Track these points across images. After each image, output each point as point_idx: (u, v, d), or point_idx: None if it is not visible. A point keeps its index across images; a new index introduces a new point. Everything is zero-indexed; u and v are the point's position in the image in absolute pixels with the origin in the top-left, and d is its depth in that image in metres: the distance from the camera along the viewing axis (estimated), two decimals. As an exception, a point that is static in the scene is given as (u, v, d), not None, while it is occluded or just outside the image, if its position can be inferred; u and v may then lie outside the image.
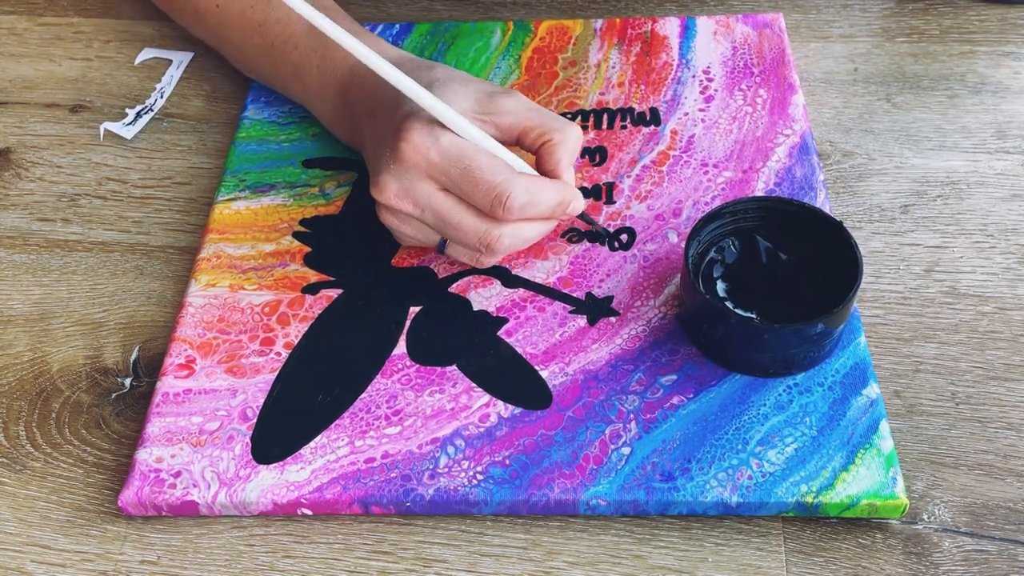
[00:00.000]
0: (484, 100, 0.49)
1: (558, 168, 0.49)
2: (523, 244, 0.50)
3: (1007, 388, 0.47)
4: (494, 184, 0.46)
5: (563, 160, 0.49)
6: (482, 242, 0.48)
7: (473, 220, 0.48)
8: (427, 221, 0.48)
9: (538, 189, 0.47)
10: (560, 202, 0.48)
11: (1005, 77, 0.62)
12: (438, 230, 0.49)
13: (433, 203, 0.47)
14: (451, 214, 0.48)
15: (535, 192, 0.47)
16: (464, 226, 0.48)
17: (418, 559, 0.43)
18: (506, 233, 0.48)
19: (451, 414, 0.46)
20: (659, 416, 0.45)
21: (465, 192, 0.47)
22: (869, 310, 0.50)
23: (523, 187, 0.47)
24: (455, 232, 0.48)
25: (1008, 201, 0.55)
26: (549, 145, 0.49)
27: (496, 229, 0.48)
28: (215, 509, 0.44)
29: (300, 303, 0.51)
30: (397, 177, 0.47)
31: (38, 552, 0.44)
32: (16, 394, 0.50)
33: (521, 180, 0.47)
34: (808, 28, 0.66)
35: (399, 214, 0.49)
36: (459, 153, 0.46)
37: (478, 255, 0.49)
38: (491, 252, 0.49)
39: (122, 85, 0.66)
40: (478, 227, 0.48)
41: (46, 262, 0.56)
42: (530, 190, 0.47)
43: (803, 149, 0.56)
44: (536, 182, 0.48)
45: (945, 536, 0.43)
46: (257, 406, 0.47)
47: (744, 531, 0.43)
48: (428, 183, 0.47)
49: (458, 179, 0.46)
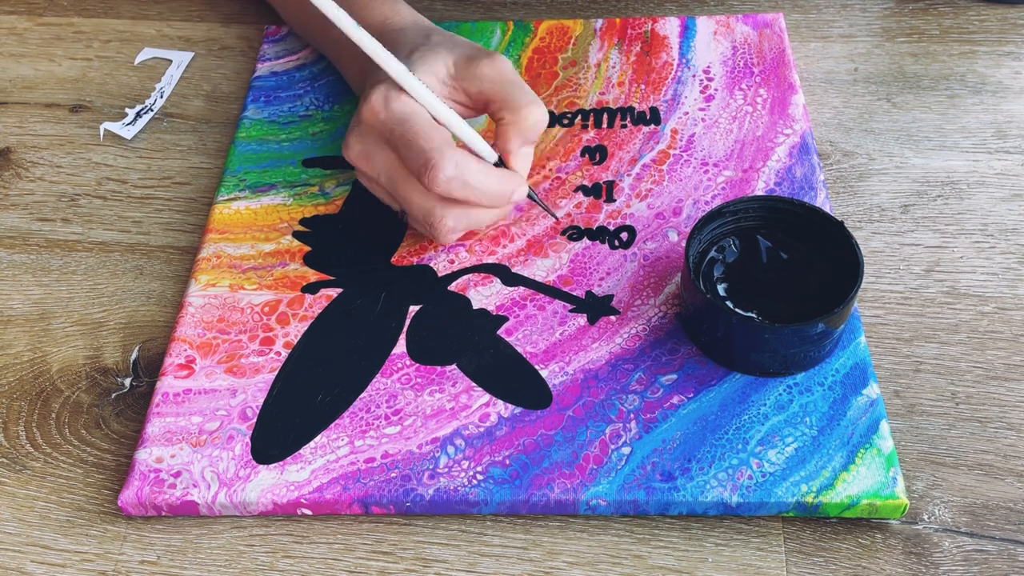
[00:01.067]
0: (461, 65, 0.49)
1: (506, 148, 0.48)
2: (469, 226, 0.49)
3: (1007, 388, 0.47)
4: (424, 151, 0.45)
5: (512, 142, 0.48)
6: (426, 220, 0.48)
7: (419, 196, 0.47)
8: (383, 185, 0.49)
9: (471, 170, 0.46)
10: (499, 192, 0.47)
11: (1005, 77, 0.62)
12: (393, 197, 0.49)
13: (386, 169, 0.48)
14: (400, 183, 0.47)
15: (465, 170, 0.45)
16: (410, 200, 0.48)
17: (418, 559, 0.43)
18: (449, 215, 0.47)
19: (451, 414, 0.46)
20: (659, 416, 0.45)
21: (403, 156, 0.46)
22: (869, 310, 0.50)
23: (453, 161, 0.45)
24: (404, 203, 0.48)
25: (1008, 201, 0.55)
26: (502, 123, 0.48)
27: (439, 209, 0.47)
28: (215, 509, 0.44)
29: (300, 302, 0.51)
30: (359, 137, 0.48)
31: (38, 552, 0.44)
32: (16, 394, 0.50)
33: (453, 154, 0.45)
34: (808, 28, 0.66)
35: (363, 176, 0.50)
36: (404, 116, 0.46)
37: (427, 231, 0.49)
38: (435, 232, 0.48)
39: (122, 85, 0.66)
40: (423, 203, 0.47)
41: (46, 262, 0.56)
42: (460, 166, 0.45)
43: (803, 149, 0.56)
44: (470, 162, 0.46)
45: (945, 536, 0.43)
46: (257, 406, 0.47)
47: (744, 531, 0.43)
48: (384, 148, 0.47)
49: (399, 141, 0.46)
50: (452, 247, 0.52)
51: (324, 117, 0.60)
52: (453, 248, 0.52)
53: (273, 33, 0.66)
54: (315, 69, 0.63)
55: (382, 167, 0.48)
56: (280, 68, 0.63)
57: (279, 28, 0.66)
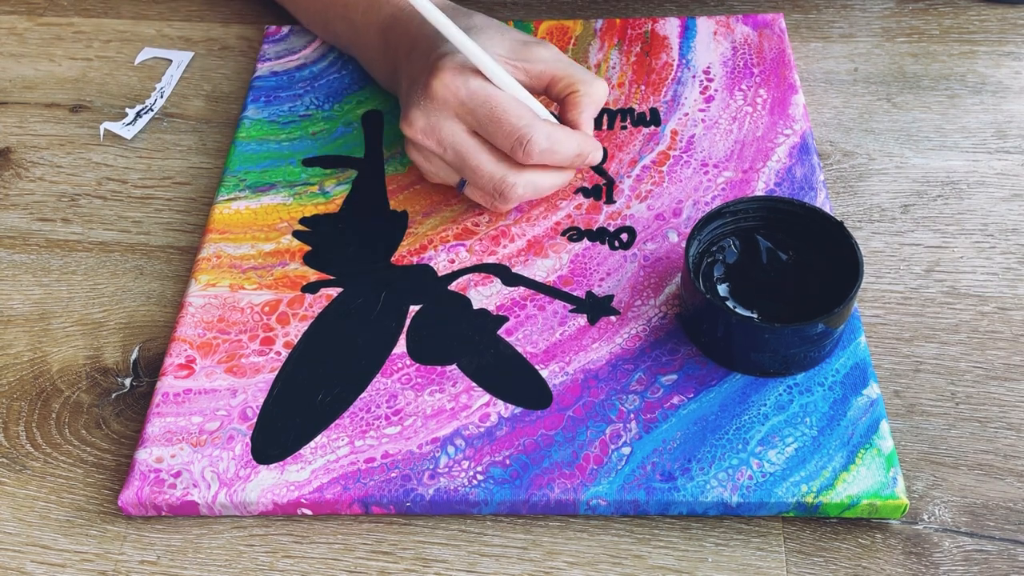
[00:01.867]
0: (518, 47, 0.52)
1: (580, 119, 0.51)
2: (536, 194, 0.51)
3: (1007, 388, 0.47)
4: (518, 127, 0.48)
5: (585, 112, 0.51)
6: (496, 188, 0.50)
7: (491, 164, 0.49)
8: (448, 160, 0.50)
9: (559, 136, 0.49)
10: (579, 153, 0.50)
11: (1005, 77, 0.62)
12: (457, 170, 0.51)
13: (456, 142, 0.49)
14: (471, 156, 0.49)
15: (556, 139, 0.49)
16: (482, 169, 0.50)
17: (418, 559, 0.43)
18: (520, 182, 0.50)
19: (451, 414, 0.46)
20: (659, 416, 0.45)
21: (489, 133, 0.49)
22: (869, 310, 0.50)
23: (545, 132, 0.48)
24: (472, 175, 0.50)
25: (1008, 201, 0.55)
26: (574, 96, 0.51)
27: (512, 176, 0.50)
28: (215, 509, 0.44)
29: (300, 302, 0.51)
30: (425, 113, 0.49)
31: (38, 552, 0.44)
32: (16, 394, 0.50)
33: (543, 126, 0.48)
34: (808, 28, 0.66)
35: (423, 150, 0.51)
36: (487, 95, 0.48)
37: (493, 201, 0.51)
38: (504, 199, 0.50)
39: (122, 85, 0.66)
40: (495, 172, 0.49)
41: (46, 262, 0.56)
42: (551, 136, 0.48)
43: (803, 149, 0.56)
44: (557, 130, 0.49)
45: (945, 536, 0.43)
46: (257, 406, 0.47)
47: (744, 531, 0.43)
48: (454, 122, 0.49)
49: (484, 120, 0.48)
50: (452, 247, 0.52)
51: (324, 117, 0.60)
52: (453, 247, 0.52)
53: (273, 33, 0.66)
54: (315, 69, 0.63)
55: (450, 141, 0.49)
56: (280, 68, 0.63)
57: (279, 28, 0.66)
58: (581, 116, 0.51)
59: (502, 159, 0.50)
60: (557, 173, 0.51)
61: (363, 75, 0.62)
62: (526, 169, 0.50)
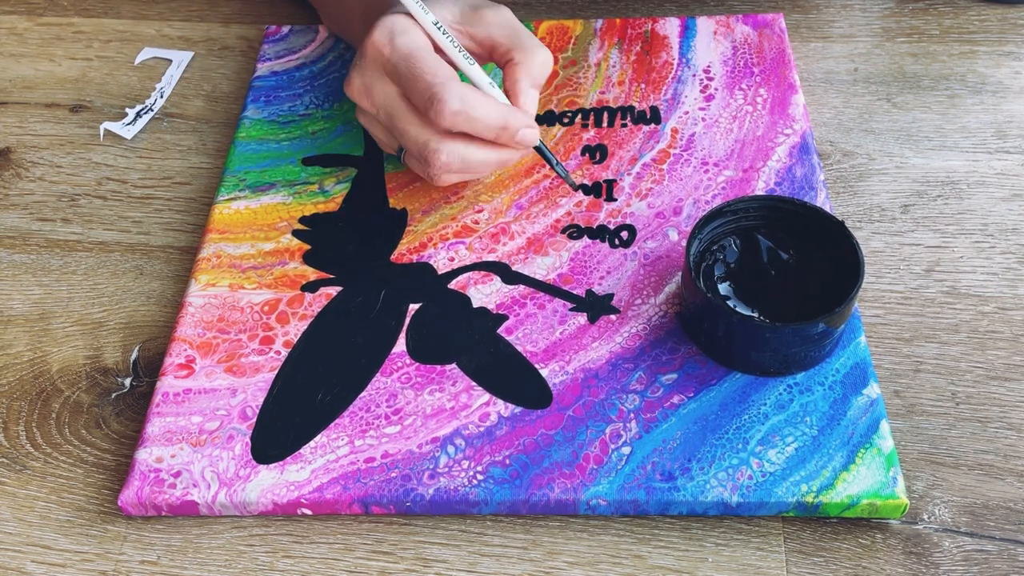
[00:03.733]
0: (467, 12, 0.51)
1: (515, 88, 0.50)
2: (464, 167, 0.50)
3: (1007, 388, 0.47)
4: (431, 84, 0.47)
5: (521, 81, 0.50)
6: (421, 153, 0.49)
7: (416, 128, 0.49)
8: (382, 121, 0.50)
9: (475, 102, 0.47)
10: (504, 125, 0.48)
11: (1005, 77, 0.62)
12: (391, 133, 0.51)
13: (386, 103, 0.49)
14: (398, 117, 0.49)
15: (471, 103, 0.47)
16: (408, 132, 0.49)
17: (418, 559, 0.43)
18: (444, 149, 0.49)
19: (451, 413, 0.46)
20: (659, 415, 0.45)
21: (407, 90, 0.48)
22: (869, 310, 0.50)
23: (458, 94, 0.47)
24: (401, 138, 0.50)
25: (1008, 201, 0.55)
26: (511, 65, 0.50)
27: (434, 142, 0.48)
28: (215, 509, 0.44)
29: (299, 301, 0.51)
30: (360, 72, 0.50)
31: (38, 552, 0.44)
32: (16, 394, 0.50)
33: (458, 87, 0.47)
34: (808, 28, 0.66)
35: (363, 112, 0.51)
36: (409, 51, 0.48)
37: (423, 168, 0.50)
38: (428, 165, 0.49)
39: (122, 85, 0.66)
40: (419, 136, 0.49)
41: (46, 262, 0.56)
42: (465, 99, 0.47)
43: (803, 149, 0.56)
44: (475, 95, 0.47)
45: (945, 536, 0.43)
46: (257, 405, 0.47)
47: (744, 531, 0.43)
48: (385, 81, 0.49)
49: (404, 75, 0.48)
50: (452, 244, 0.52)
51: (324, 116, 0.60)
52: (453, 246, 0.52)
53: (273, 33, 0.66)
54: (315, 69, 0.63)
55: (381, 102, 0.49)
56: (280, 68, 0.63)
57: (279, 28, 0.66)
58: (516, 86, 0.50)
59: (428, 125, 0.49)
60: (488, 149, 0.50)
61: (363, 75, 0.62)
62: (451, 137, 0.49)
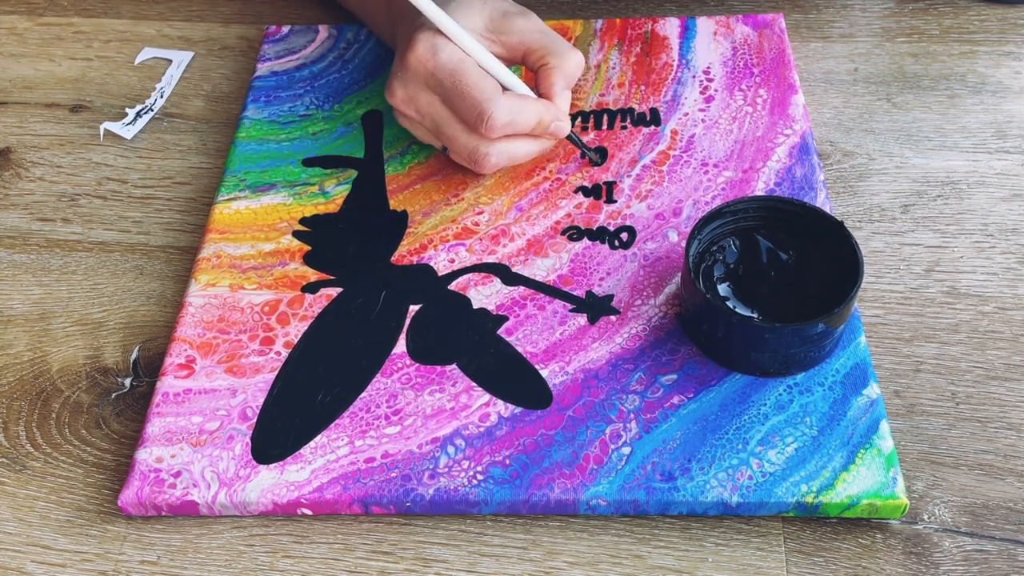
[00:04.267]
0: (497, 18, 0.53)
1: (551, 91, 0.52)
2: (513, 161, 0.53)
3: (1007, 388, 0.47)
4: (479, 101, 0.49)
5: (556, 84, 0.52)
6: (471, 158, 0.52)
7: (464, 135, 0.51)
8: (427, 128, 0.53)
9: (521, 107, 0.50)
10: (539, 120, 0.51)
11: (1005, 77, 0.62)
12: (436, 138, 0.52)
13: (432, 112, 0.52)
14: (445, 127, 0.52)
15: (518, 111, 0.50)
16: (456, 139, 0.52)
17: (418, 559, 0.43)
18: (493, 152, 0.52)
19: (451, 413, 0.46)
20: (659, 416, 0.45)
21: (455, 106, 0.50)
22: (869, 310, 0.50)
23: (506, 107, 0.50)
24: (449, 143, 0.52)
25: (1008, 201, 0.55)
26: (546, 68, 0.52)
27: (484, 147, 0.51)
28: (215, 509, 0.44)
29: (300, 302, 0.51)
30: (403, 84, 0.51)
31: (38, 552, 0.44)
32: (16, 394, 0.50)
33: (505, 100, 0.50)
34: (808, 28, 0.66)
35: (406, 118, 0.53)
36: (452, 68, 0.50)
37: (471, 166, 0.53)
38: (479, 167, 0.52)
39: (122, 85, 0.66)
40: (468, 142, 0.51)
41: (46, 262, 0.56)
42: (513, 109, 0.50)
43: (803, 149, 0.56)
44: (519, 101, 0.51)
45: (945, 536, 0.43)
46: (257, 406, 0.47)
47: (744, 531, 0.43)
48: (428, 93, 0.51)
49: (450, 92, 0.50)
50: (452, 246, 0.53)
51: (324, 116, 0.60)
52: (453, 247, 0.52)
53: (273, 33, 0.66)
54: (315, 69, 0.63)
55: (427, 111, 0.52)
56: (280, 68, 0.63)
57: (279, 28, 0.66)
58: (552, 88, 0.52)
59: (474, 130, 0.51)
60: (529, 141, 0.53)
61: (363, 75, 0.63)
62: (497, 140, 0.51)
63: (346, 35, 0.65)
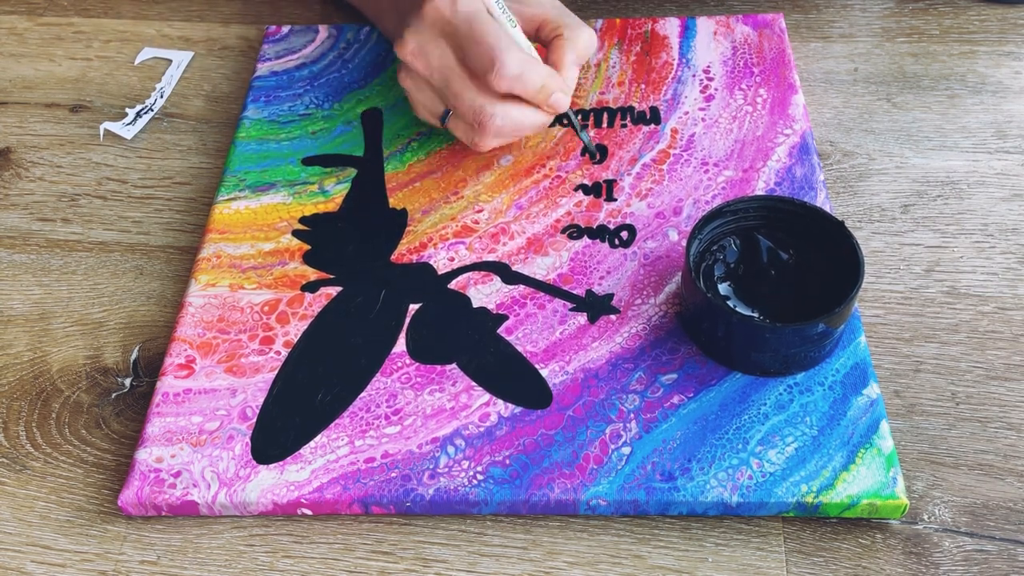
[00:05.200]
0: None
1: (561, 61, 0.53)
2: (513, 129, 0.53)
3: (1007, 388, 0.47)
4: (493, 47, 0.50)
5: (566, 56, 0.53)
6: (476, 117, 0.52)
7: (472, 92, 0.51)
8: (434, 84, 0.53)
9: (531, 66, 0.51)
10: (544, 85, 0.52)
11: (1005, 77, 0.62)
12: (442, 97, 0.53)
13: (442, 65, 0.52)
14: (455, 80, 0.52)
15: (528, 68, 0.51)
16: (463, 96, 0.52)
17: (418, 559, 0.43)
18: (499, 112, 0.52)
19: (451, 413, 0.46)
20: (659, 415, 0.45)
21: (468, 53, 0.50)
22: (869, 310, 0.50)
23: (517, 58, 0.50)
24: (455, 101, 0.52)
25: (1008, 201, 0.55)
26: (559, 40, 0.54)
27: (490, 106, 0.52)
28: (215, 509, 0.44)
29: (299, 302, 0.51)
30: (416, 33, 0.52)
31: (38, 552, 0.44)
32: (16, 394, 0.50)
33: (518, 52, 0.50)
34: (808, 28, 0.66)
35: (413, 74, 0.53)
36: (471, 15, 0.50)
37: (472, 134, 0.53)
38: (483, 129, 0.52)
39: (122, 85, 0.66)
40: (474, 100, 0.52)
41: (46, 262, 0.56)
42: (523, 63, 0.50)
43: (803, 149, 0.56)
44: (530, 61, 0.51)
45: (945, 536, 0.43)
46: (257, 405, 0.47)
47: (744, 531, 0.43)
48: (442, 43, 0.51)
49: (465, 37, 0.50)
50: (452, 244, 0.52)
51: (324, 116, 0.60)
52: (453, 245, 0.52)
53: (273, 33, 0.66)
54: (315, 68, 0.63)
55: (437, 64, 0.52)
56: (280, 68, 0.63)
57: (279, 28, 0.66)
58: (562, 61, 0.53)
59: (483, 89, 0.51)
60: (532, 111, 0.53)
61: (363, 74, 0.63)
62: (503, 100, 0.52)
63: (346, 35, 0.65)
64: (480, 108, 0.51)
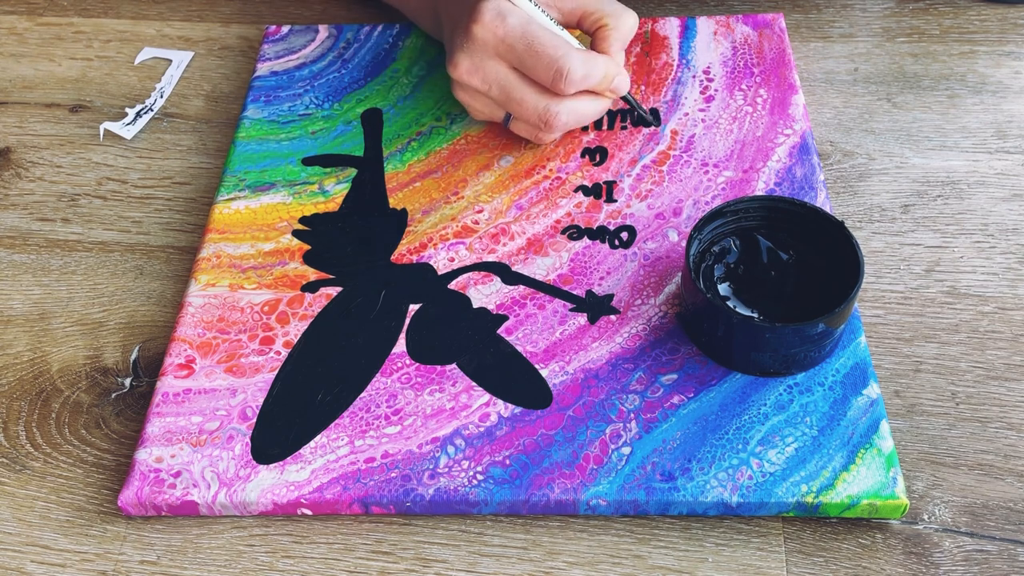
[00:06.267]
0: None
1: (610, 50, 0.54)
2: (579, 121, 0.55)
3: (1007, 388, 0.47)
4: (555, 58, 0.51)
5: (614, 44, 0.54)
6: (542, 118, 0.53)
7: (534, 96, 0.53)
8: (493, 96, 0.54)
9: (592, 62, 0.52)
10: (606, 73, 0.53)
11: (1005, 77, 0.62)
12: (502, 105, 0.54)
13: (499, 79, 0.53)
14: (514, 90, 0.53)
15: (591, 65, 0.52)
16: (526, 102, 0.53)
17: (418, 559, 0.43)
18: (564, 110, 0.53)
19: (451, 413, 0.46)
20: (659, 415, 0.45)
21: (528, 67, 0.52)
22: (869, 310, 0.50)
23: (580, 60, 0.51)
24: (517, 107, 0.53)
25: (1008, 201, 0.55)
26: (604, 29, 0.54)
27: (554, 105, 0.53)
28: (215, 509, 0.44)
29: (299, 302, 0.51)
30: (469, 55, 0.52)
31: (38, 552, 0.44)
32: (16, 394, 0.50)
33: (578, 54, 0.52)
34: (808, 28, 0.66)
35: (469, 90, 0.54)
36: (523, 30, 0.51)
37: (538, 131, 0.55)
38: (549, 128, 0.54)
39: (122, 85, 0.66)
40: (538, 103, 0.53)
41: (46, 262, 0.56)
42: (586, 63, 0.52)
43: (803, 149, 0.56)
44: (590, 56, 0.52)
45: (945, 536, 0.43)
46: (257, 405, 0.47)
47: (744, 531, 0.43)
48: (496, 60, 0.52)
49: (523, 54, 0.51)
50: (452, 245, 0.53)
51: (324, 116, 0.60)
52: (453, 246, 0.52)
53: (273, 33, 0.66)
54: (315, 68, 0.63)
55: (494, 78, 0.53)
56: (280, 68, 0.63)
57: (279, 28, 0.66)
58: (611, 48, 0.54)
59: (543, 91, 0.52)
60: (596, 100, 0.54)
61: (363, 74, 0.63)
62: (567, 97, 0.53)
63: (346, 35, 0.65)
64: (545, 109, 0.53)
